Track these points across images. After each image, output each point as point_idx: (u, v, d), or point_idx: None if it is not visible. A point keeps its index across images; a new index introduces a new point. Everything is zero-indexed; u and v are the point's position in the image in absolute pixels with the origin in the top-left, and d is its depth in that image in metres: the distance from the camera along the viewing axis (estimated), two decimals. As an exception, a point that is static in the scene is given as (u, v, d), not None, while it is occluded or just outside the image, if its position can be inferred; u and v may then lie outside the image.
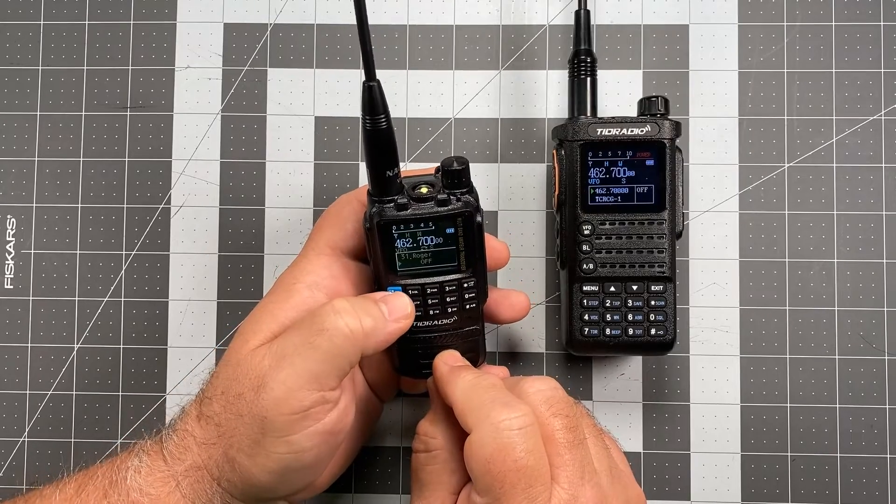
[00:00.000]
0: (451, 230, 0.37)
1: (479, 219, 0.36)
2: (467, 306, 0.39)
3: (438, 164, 0.37)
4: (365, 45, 0.33)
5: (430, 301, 0.38)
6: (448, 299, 0.38)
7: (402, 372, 0.41)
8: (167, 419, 0.46)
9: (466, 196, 0.36)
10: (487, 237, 0.39)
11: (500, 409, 0.33)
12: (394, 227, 0.36)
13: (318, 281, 0.38)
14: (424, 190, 0.36)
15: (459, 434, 0.35)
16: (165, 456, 0.36)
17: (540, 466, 0.32)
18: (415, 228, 0.36)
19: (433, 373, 0.38)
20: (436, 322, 0.39)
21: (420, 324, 0.38)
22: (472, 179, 0.37)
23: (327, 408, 0.35)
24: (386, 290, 0.37)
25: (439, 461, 0.36)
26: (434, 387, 0.38)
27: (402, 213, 0.36)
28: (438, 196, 0.36)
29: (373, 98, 0.34)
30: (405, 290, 0.37)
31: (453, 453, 0.36)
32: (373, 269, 0.38)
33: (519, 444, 0.32)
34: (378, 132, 0.34)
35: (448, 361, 0.38)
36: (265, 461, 0.34)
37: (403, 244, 0.37)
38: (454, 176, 0.36)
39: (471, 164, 0.36)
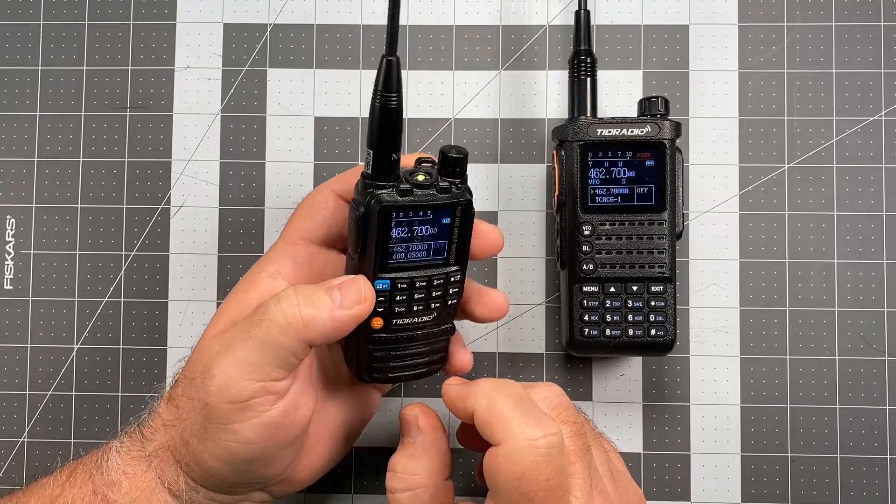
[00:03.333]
0: (447, 220, 0.35)
1: (473, 210, 0.35)
2: (449, 302, 0.37)
3: (419, 155, 0.35)
4: (394, 20, 0.31)
5: (416, 296, 0.36)
6: (434, 294, 0.36)
7: (366, 377, 0.38)
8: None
9: (465, 185, 0.35)
10: (476, 222, 0.37)
11: (535, 425, 0.31)
12: (394, 214, 0.34)
13: (279, 269, 0.37)
14: (422, 177, 0.34)
15: (441, 467, 0.35)
16: (142, 438, 0.37)
17: (564, 483, 0.32)
18: (413, 216, 0.34)
19: (443, 397, 0.35)
20: (416, 319, 0.37)
21: (400, 321, 0.36)
22: (472, 180, 0.36)
23: (270, 399, 0.34)
24: (373, 282, 0.35)
25: (423, 500, 0.34)
26: (414, 415, 0.36)
27: (406, 199, 0.33)
28: (440, 183, 0.34)
29: (390, 73, 0.32)
30: (393, 282, 0.35)
31: (439, 488, 0.34)
32: (357, 260, 0.35)
33: (552, 463, 0.31)
34: (388, 110, 0.33)
35: (452, 383, 0.36)
36: (213, 447, 0.34)
37: (398, 233, 0.34)
38: (455, 164, 0.34)
39: (470, 165, 0.36)
